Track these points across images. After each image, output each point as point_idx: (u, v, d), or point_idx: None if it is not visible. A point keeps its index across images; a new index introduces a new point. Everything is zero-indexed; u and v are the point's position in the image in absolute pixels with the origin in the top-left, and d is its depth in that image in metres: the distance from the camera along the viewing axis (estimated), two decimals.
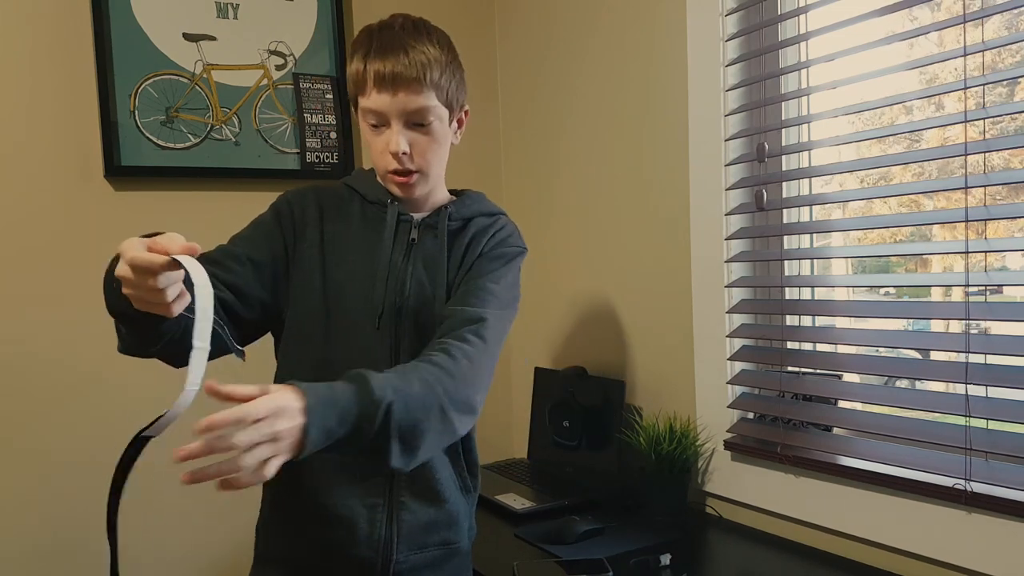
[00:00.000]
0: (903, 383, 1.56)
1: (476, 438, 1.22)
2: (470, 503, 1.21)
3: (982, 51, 1.19)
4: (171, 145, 1.83)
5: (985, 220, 1.21)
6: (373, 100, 1.08)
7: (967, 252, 1.22)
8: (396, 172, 1.11)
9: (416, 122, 1.09)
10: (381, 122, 1.09)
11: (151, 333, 0.92)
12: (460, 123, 1.19)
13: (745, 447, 1.57)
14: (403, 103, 1.07)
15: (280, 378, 1.15)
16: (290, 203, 1.17)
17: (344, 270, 1.13)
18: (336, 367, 1.07)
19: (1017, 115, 1.24)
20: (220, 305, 1.04)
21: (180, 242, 0.80)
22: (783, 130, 1.57)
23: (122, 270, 0.79)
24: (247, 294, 1.09)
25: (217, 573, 1.88)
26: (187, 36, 1.85)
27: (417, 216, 1.18)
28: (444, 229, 1.17)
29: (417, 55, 1.07)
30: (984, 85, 1.20)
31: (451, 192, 1.25)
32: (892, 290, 1.60)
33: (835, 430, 1.49)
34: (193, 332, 0.78)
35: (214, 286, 0.99)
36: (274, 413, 0.78)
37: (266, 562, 1.17)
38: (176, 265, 0.79)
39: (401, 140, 1.08)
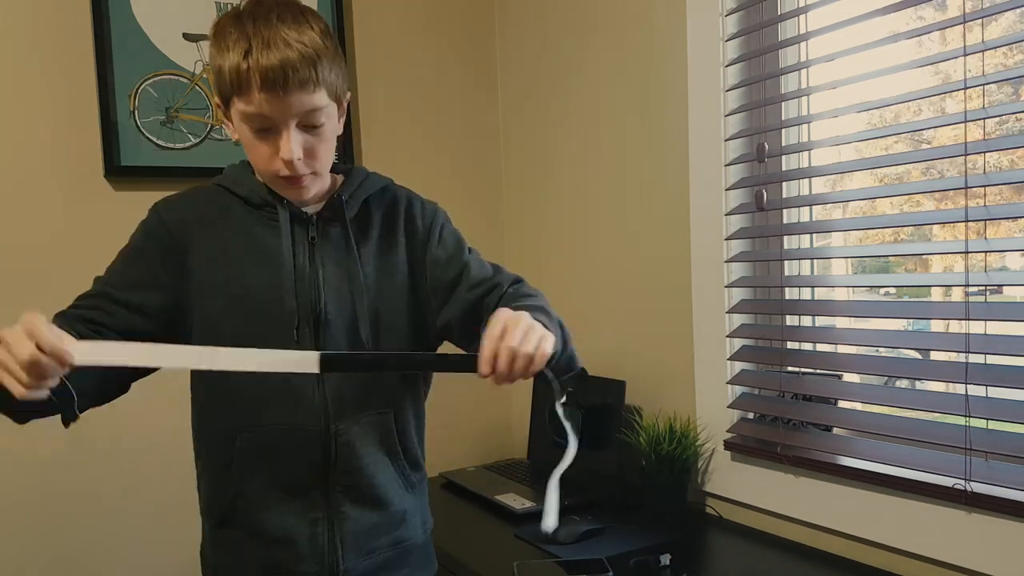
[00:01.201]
0: (903, 383, 1.56)
1: (416, 434, 1.16)
2: (418, 497, 1.18)
3: (982, 51, 1.19)
4: (171, 145, 1.83)
5: (985, 220, 1.21)
6: (259, 104, 0.97)
7: (967, 252, 1.22)
8: (288, 178, 1.02)
9: (307, 124, 1.00)
10: (267, 126, 0.99)
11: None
12: (343, 112, 1.09)
13: (745, 447, 1.57)
14: (294, 107, 0.98)
15: (200, 408, 1.10)
16: (164, 221, 1.07)
17: (244, 283, 1.05)
18: (259, 387, 1.04)
19: (1018, 115, 1.24)
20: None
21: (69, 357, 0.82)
22: (783, 130, 1.57)
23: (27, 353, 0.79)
24: (136, 336, 1.00)
25: None
26: (187, 36, 1.85)
27: (310, 210, 1.09)
28: (347, 222, 1.09)
29: (306, 51, 0.97)
30: (984, 85, 1.20)
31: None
32: (892, 290, 1.60)
33: (835, 430, 1.49)
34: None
35: (98, 333, 0.99)
36: (510, 318, 0.91)
37: None
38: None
39: (295, 146, 0.99)
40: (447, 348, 1.20)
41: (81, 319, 0.99)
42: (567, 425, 0.95)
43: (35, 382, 0.81)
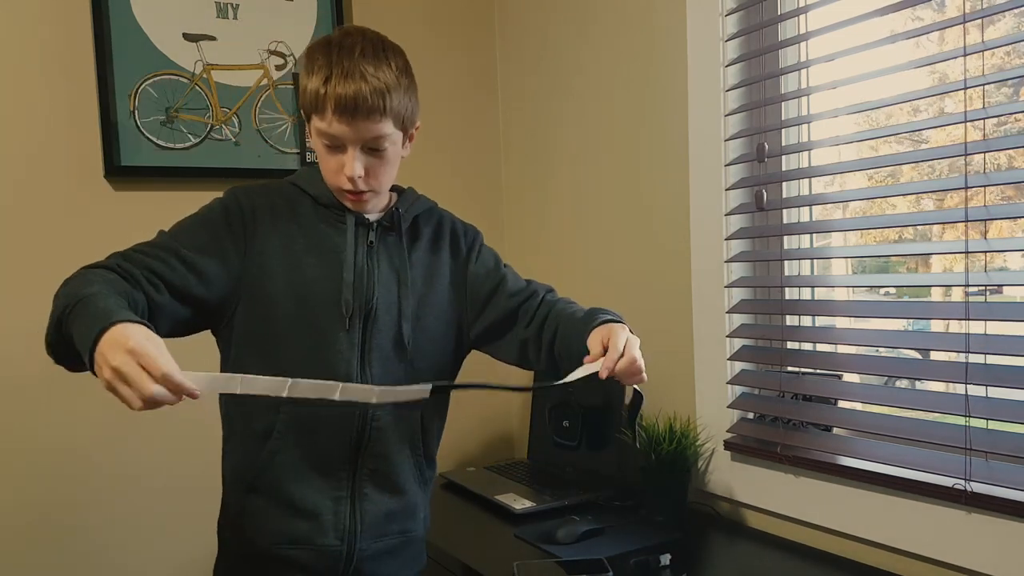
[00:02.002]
0: (903, 383, 1.56)
1: (437, 434, 1.27)
2: (426, 493, 1.27)
3: (982, 51, 1.19)
4: (171, 145, 1.83)
5: (985, 220, 1.21)
6: (331, 126, 1.09)
7: (967, 252, 1.22)
8: (350, 191, 1.14)
9: (372, 147, 1.11)
10: (336, 144, 1.11)
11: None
12: (411, 138, 1.20)
13: (745, 447, 1.57)
14: (361, 132, 1.09)
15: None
16: (240, 205, 1.16)
17: (306, 273, 1.15)
18: (301, 369, 1.10)
19: (1018, 115, 1.24)
20: (155, 304, 1.05)
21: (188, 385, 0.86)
22: (783, 130, 1.57)
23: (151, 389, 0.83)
24: (188, 296, 1.09)
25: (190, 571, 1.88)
26: (187, 36, 1.85)
27: (372, 218, 1.20)
28: (401, 231, 1.21)
29: (378, 85, 1.08)
30: (984, 85, 1.20)
31: None
32: (892, 290, 1.60)
33: (835, 430, 1.49)
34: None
35: (153, 284, 1.05)
36: (631, 341, 1.07)
37: (231, 556, 1.21)
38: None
39: (357, 166, 1.10)
40: (473, 357, 1.29)
41: (144, 267, 1.05)
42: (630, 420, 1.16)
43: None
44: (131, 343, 0.84)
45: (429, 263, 1.24)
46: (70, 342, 0.92)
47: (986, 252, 1.22)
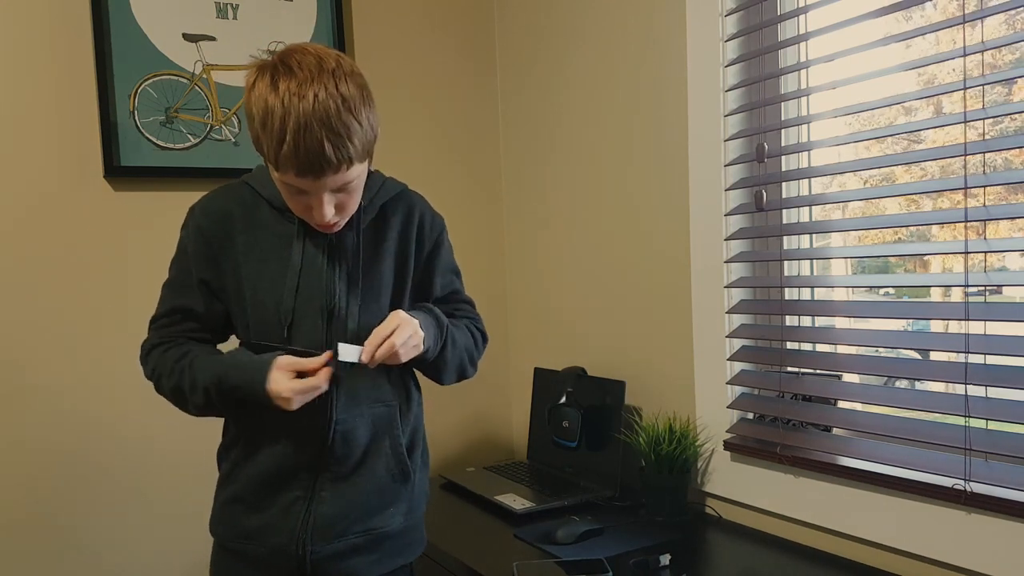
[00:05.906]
0: (903, 383, 1.56)
1: (418, 425, 1.29)
2: (409, 487, 1.26)
3: (981, 51, 1.19)
4: (170, 145, 1.83)
5: (985, 220, 1.21)
6: (293, 180, 1.05)
7: (967, 252, 1.22)
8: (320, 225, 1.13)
9: (339, 189, 1.08)
10: (301, 192, 1.08)
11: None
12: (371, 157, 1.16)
13: (745, 447, 1.57)
14: (329, 185, 1.06)
15: None
16: (202, 232, 1.18)
17: (266, 280, 1.16)
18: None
19: (1017, 115, 1.24)
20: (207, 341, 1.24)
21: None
22: (783, 130, 1.57)
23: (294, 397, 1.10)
24: (214, 326, 1.23)
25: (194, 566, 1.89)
26: (187, 36, 1.85)
27: None
28: (360, 231, 1.19)
29: (339, 141, 1.02)
30: (983, 85, 1.20)
31: None
32: (892, 290, 1.60)
33: (834, 430, 1.49)
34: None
35: (194, 336, 1.22)
36: (401, 323, 1.12)
37: (216, 546, 1.27)
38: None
39: (328, 210, 1.09)
40: None
41: (178, 332, 1.21)
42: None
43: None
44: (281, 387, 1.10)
45: (396, 254, 1.23)
46: (232, 397, 1.14)
47: (986, 252, 1.22)
